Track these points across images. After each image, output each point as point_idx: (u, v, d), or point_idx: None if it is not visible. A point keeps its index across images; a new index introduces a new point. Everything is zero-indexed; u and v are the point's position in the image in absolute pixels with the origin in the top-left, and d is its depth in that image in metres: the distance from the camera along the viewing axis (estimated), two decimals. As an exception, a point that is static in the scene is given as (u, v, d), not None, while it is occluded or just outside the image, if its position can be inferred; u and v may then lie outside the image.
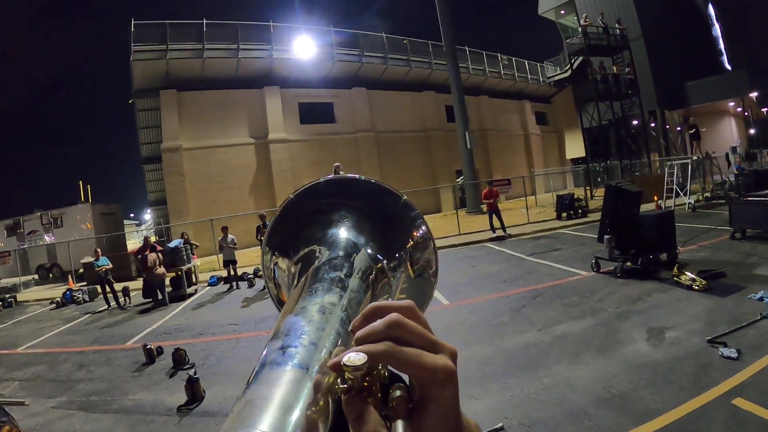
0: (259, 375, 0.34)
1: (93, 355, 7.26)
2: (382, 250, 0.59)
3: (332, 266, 0.53)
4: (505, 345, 5.30)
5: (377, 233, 0.61)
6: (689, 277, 6.60)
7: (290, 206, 0.64)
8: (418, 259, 0.62)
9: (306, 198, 0.64)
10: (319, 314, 0.43)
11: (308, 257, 0.58)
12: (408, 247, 0.62)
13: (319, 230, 0.60)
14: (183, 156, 20.50)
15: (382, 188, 0.64)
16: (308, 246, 0.59)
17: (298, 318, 0.42)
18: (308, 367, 0.35)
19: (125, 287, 11.87)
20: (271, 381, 0.33)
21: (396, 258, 0.60)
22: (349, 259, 0.55)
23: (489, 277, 9.19)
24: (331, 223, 0.61)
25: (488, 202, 14.38)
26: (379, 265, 0.57)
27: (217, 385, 5.12)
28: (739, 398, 3.51)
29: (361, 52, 24.79)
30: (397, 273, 0.59)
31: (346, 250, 0.57)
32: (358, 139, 25.06)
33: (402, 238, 0.62)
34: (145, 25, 19.78)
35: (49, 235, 20.57)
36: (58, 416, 4.86)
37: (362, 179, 0.65)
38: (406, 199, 0.64)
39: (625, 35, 24.46)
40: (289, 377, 0.33)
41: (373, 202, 0.64)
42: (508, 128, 32.51)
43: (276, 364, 0.35)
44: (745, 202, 9.86)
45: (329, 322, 0.42)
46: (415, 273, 0.61)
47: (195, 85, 21.24)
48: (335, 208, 0.63)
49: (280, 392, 0.32)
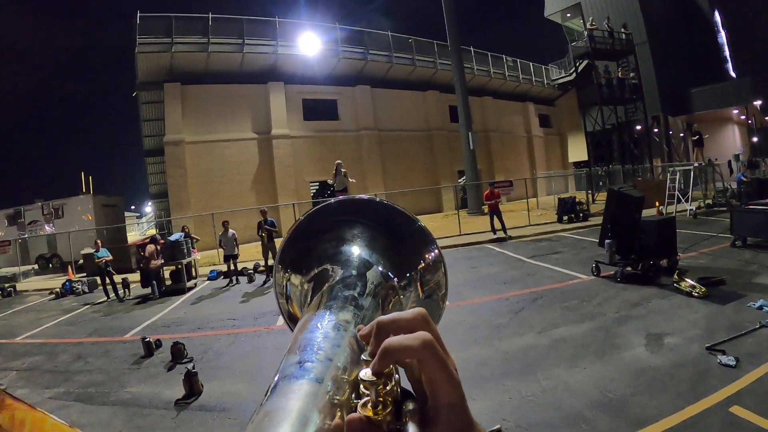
0: (277, 387, 0.35)
1: (91, 347, 7.27)
2: (393, 269, 0.60)
3: (346, 285, 0.54)
4: (504, 347, 5.30)
5: (389, 252, 0.62)
6: (689, 283, 6.60)
7: (304, 225, 0.65)
8: (428, 280, 0.62)
9: (319, 217, 0.65)
10: (334, 331, 0.44)
11: (322, 275, 0.59)
12: (419, 268, 0.62)
13: (333, 249, 0.61)
14: (185, 149, 20.49)
15: (395, 210, 0.65)
16: (322, 264, 0.60)
17: (314, 334, 0.43)
18: (324, 381, 0.36)
19: (125, 279, 11.88)
20: (289, 393, 0.34)
21: (407, 277, 0.61)
22: (362, 278, 0.56)
23: (489, 278, 9.19)
24: (344, 242, 0.62)
25: (490, 203, 14.38)
26: (390, 284, 0.58)
27: (215, 380, 5.12)
28: (736, 406, 3.52)
29: (366, 49, 24.75)
30: (407, 292, 0.60)
31: (358, 269, 0.58)
32: (361, 137, 25.05)
33: (413, 258, 0.63)
34: (150, 17, 19.76)
35: (49, 225, 20.58)
36: (54, 407, 4.86)
37: (376, 200, 0.66)
38: (421, 224, 0.64)
39: (630, 40, 24.47)
40: (306, 390, 0.34)
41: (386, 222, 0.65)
42: (511, 130, 32.47)
43: (294, 377, 0.36)
44: (746, 210, 9.84)
45: (344, 338, 0.43)
46: (425, 294, 0.62)
47: (199, 78, 21.21)
48: (348, 228, 0.64)
49: (298, 405, 0.32)
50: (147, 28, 19.51)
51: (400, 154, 26.24)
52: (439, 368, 0.37)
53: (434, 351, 0.36)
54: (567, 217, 16.10)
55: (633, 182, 19.42)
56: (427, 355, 0.36)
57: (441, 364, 0.37)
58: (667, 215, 12.53)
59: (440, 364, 0.37)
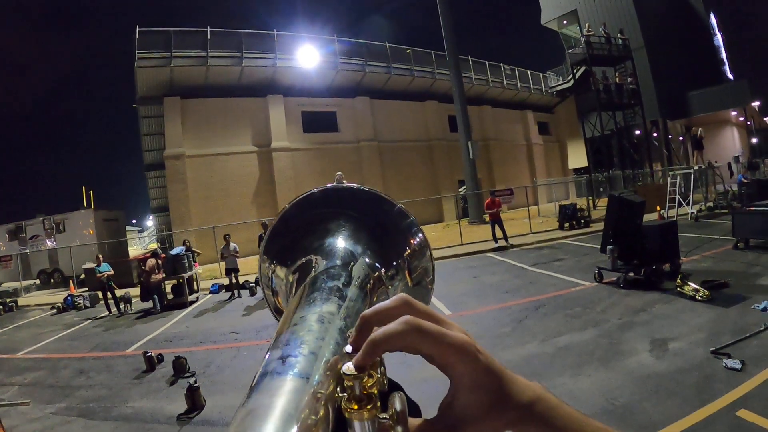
0: (260, 384, 0.34)
1: (93, 362, 7.24)
2: (379, 259, 0.59)
3: (330, 275, 0.53)
4: (507, 356, 5.26)
5: (374, 242, 0.61)
6: (692, 287, 6.56)
7: (287, 216, 0.64)
8: (415, 267, 0.62)
9: (302, 208, 0.64)
10: (318, 324, 0.43)
11: (306, 266, 0.58)
12: (405, 255, 0.62)
13: (317, 239, 0.60)
14: (186, 163, 20.57)
15: (377, 196, 0.64)
16: (306, 255, 0.59)
17: (297, 327, 0.42)
18: (308, 376, 0.35)
19: (126, 294, 11.85)
20: (272, 390, 0.33)
21: (393, 266, 0.60)
22: (346, 268, 0.55)
23: (491, 287, 9.16)
24: (328, 232, 0.61)
25: (491, 212, 14.36)
26: (377, 274, 0.57)
27: (217, 394, 5.09)
28: (743, 410, 3.48)
29: (364, 61, 24.94)
30: (395, 281, 0.59)
31: (343, 259, 0.57)
32: (361, 148, 25.13)
33: (399, 246, 0.62)
34: (149, 32, 19.96)
35: (51, 240, 20.61)
36: (57, 422, 4.84)
37: (357, 188, 0.65)
38: (401, 206, 0.64)
39: (627, 45, 24.58)
40: (290, 386, 0.33)
41: (369, 210, 0.64)
42: (510, 138, 32.56)
43: (276, 373, 0.35)
44: (747, 212, 9.83)
45: (328, 331, 0.42)
46: (413, 281, 0.61)
47: (198, 92, 21.36)
48: (332, 218, 0.63)
49: (281, 401, 0.32)
50: (146, 43, 19.69)
51: (400, 165, 26.32)
52: (434, 343, 0.36)
53: (421, 329, 0.36)
54: (568, 223, 16.06)
55: (633, 187, 19.42)
56: (415, 337, 0.36)
57: (433, 338, 0.36)
58: (668, 219, 12.53)
59: (432, 339, 0.36)
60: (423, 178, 26.94)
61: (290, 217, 0.64)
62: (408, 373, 4.04)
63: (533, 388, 0.38)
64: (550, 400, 0.38)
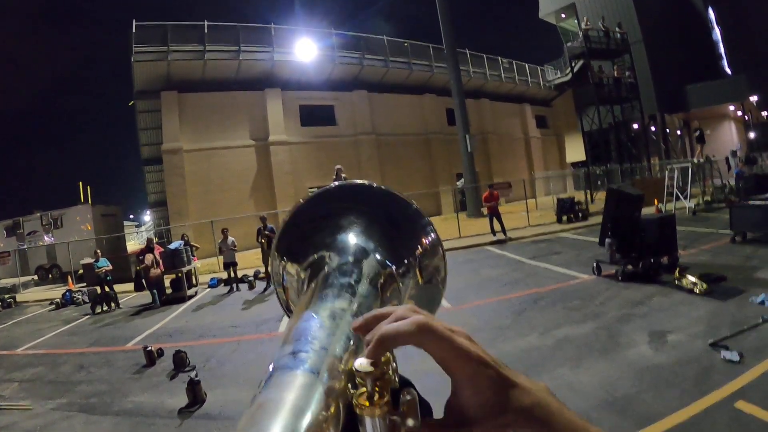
0: (271, 379, 0.35)
1: (93, 357, 7.24)
2: (391, 256, 0.59)
3: (342, 272, 0.53)
4: (507, 348, 5.29)
5: (386, 239, 0.61)
6: (690, 280, 6.58)
7: (300, 211, 0.64)
8: (426, 265, 0.62)
9: (316, 203, 0.64)
10: (329, 319, 0.43)
11: (318, 263, 0.58)
12: (417, 254, 0.62)
13: (329, 236, 0.61)
14: (184, 158, 20.52)
15: (392, 195, 0.64)
16: (318, 251, 0.59)
17: (309, 323, 0.42)
18: (319, 371, 0.35)
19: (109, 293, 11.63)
20: (282, 385, 0.33)
21: (405, 264, 0.60)
22: (358, 265, 0.55)
23: (490, 280, 9.18)
24: (340, 228, 0.61)
25: (489, 205, 14.36)
26: (388, 271, 0.57)
27: (218, 388, 5.10)
28: (741, 401, 3.51)
29: (362, 54, 24.84)
30: (406, 279, 0.59)
31: (355, 255, 0.57)
32: (359, 142, 25.09)
33: (411, 244, 0.62)
34: (146, 26, 19.84)
35: (48, 235, 20.56)
36: (58, 418, 4.84)
37: (373, 186, 0.65)
38: (416, 207, 0.64)
39: (625, 39, 24.57)
40: (301, 381, 0.34)
41: (383, 208, 0.64)
42: (508, 131, 32.55)
43: (288, 368, 0.35)
44: (745, 205, 9.86)
45: (339, 327, 0.42)
46: (424, 279, 0.61)
47: (196, 86, 21.26)
48: (345, 214, 0.63)
49: (292, 396, 0.32)
50: (143, 37, 19.57)
51: (398, 158, 26.29)
52: (443, 347, 0.36)
53: (431, 331, 0.36)
54: (566, 217, 16.09)
55: (631, 181, 19.44)
56: (424, 338, 0.36)
57: (442, 342, 0.36)
58: (666, 213, 12.56)
59: (441, 342, 0.36)
60: (421, 172, 26.91)
61: (303, 212, 0.64)
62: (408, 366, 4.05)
63: (535, 392, 0.39)
64: (550, 405, 0.38)
